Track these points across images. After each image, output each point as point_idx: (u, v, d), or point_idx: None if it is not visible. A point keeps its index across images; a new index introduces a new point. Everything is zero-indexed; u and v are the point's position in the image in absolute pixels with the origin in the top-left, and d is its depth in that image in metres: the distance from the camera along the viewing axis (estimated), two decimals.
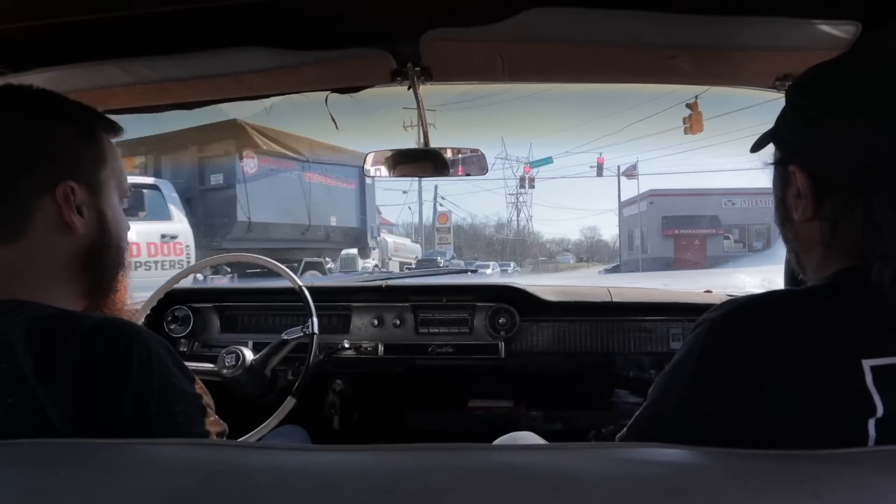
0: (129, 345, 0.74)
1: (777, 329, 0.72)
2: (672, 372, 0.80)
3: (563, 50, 1.26)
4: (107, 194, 0.88)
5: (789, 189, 0.83)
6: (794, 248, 0.89)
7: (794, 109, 0.84)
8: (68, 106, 0.88)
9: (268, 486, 0.56)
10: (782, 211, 0.87)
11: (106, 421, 0.71)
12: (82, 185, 0.84)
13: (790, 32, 1.15)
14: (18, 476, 0.58)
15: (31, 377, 0.70)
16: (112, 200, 0.90)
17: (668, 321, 2.17)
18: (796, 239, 0.87)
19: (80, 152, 0.86)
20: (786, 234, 0.89)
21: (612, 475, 0.57)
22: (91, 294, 0.88)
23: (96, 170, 0.87)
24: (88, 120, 0.89)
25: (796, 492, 0.54)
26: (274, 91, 1.47)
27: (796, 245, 0.88)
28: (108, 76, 1.30)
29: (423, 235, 41.86)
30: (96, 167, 0.87)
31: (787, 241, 0.90)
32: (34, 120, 0.83)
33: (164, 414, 0.75)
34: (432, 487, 0.55)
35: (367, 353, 2.24)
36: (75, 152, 0.85)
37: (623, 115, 35.73)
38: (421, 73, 1.35)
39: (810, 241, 0.83)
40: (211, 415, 0.82)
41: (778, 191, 0.87)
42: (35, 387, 0.70)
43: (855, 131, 0.75)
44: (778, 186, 0.87)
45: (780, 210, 0.87)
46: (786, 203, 0.85)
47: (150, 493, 0.55)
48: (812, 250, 0.84)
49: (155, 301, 1.96)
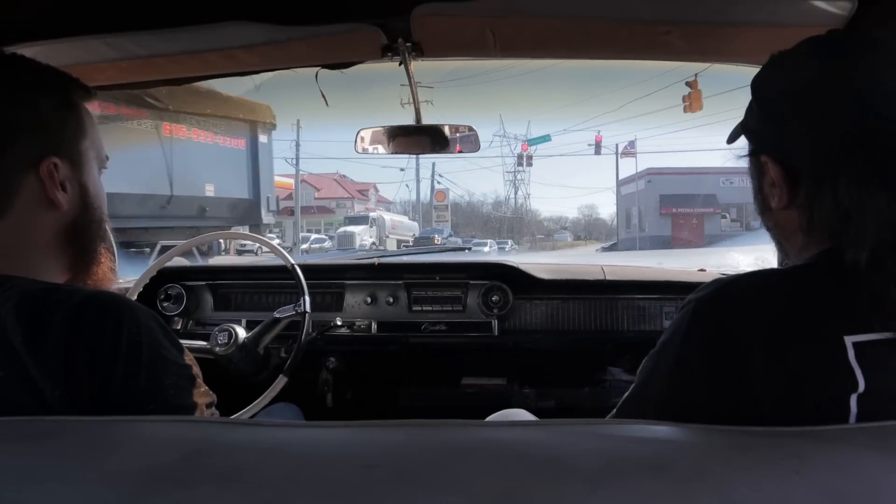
0: (119, 317, 0.74)
1: (761, 308, 0.73)
2: (658, 353, 0.80)
3: (555, 25, 1.25)
4: (88, 167, 0.87)
5: (764, 178, 0.84)
6: (775, 236, 0.90)
7: (759, 101, 0.85)
8: (46, 75, 0.86)
9: (251, 462, 0.56)
10: (760, 200, 0.87)
11: (97, 394, 0.71)
12: (65, 159, 0.83)
13: (785, 8, 1.14)
14: (1, 453, 0.58)
15: (23, 351, 0.69)
16: (93, 173, 0.88)
17: (662, 300, 2.18)
18: (777, 226, 0.87)
19: (61, 126, 0.84)
20: (766, 222, 0.89)
21: (596, 451, 0.58)
22: (74, 267, 0.87)
23: (77, 142, 0.86)
24: (67, 89, 0.87)
25: (778, 467, 0.54)
26: (263, 67, 1.46)
27: (777, 232, 0.88)
28: (94, 51, 1.29)
29: (421, 213, 41.92)
30: (77, 140, 0.86)
31: (769, 228, 0.90)
32: (12, 92, 0.81)
33: (154, 386, 0.75)
34: (414, 463, 0.55)
35: (361, 331, 2.25)
36: (56, 126, 0.83)
37: (621, 92, 35.53)
38: (412, 48, 1.34)
39: (790, 228, 0.83)
40: (201, 385, 0.82)
41: (754, 181, 0.88)
42: (26, 361, 0.69)
43: (816, 119, 0.76)
44: (754, 176, 0.87)
45: (759, 199, 0.88)
46: (763, 192, 0.85)
47: (133, 469, 0.55)
48: (793, 236, 0.84)
49: (147, 278, 1.96)
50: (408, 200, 48.70)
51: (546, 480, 0.53)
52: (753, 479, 0.53)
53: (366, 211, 38.07)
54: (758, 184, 0.87)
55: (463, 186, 77.18)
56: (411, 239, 31.89)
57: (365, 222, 32.31)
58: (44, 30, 1.21)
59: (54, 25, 1.20)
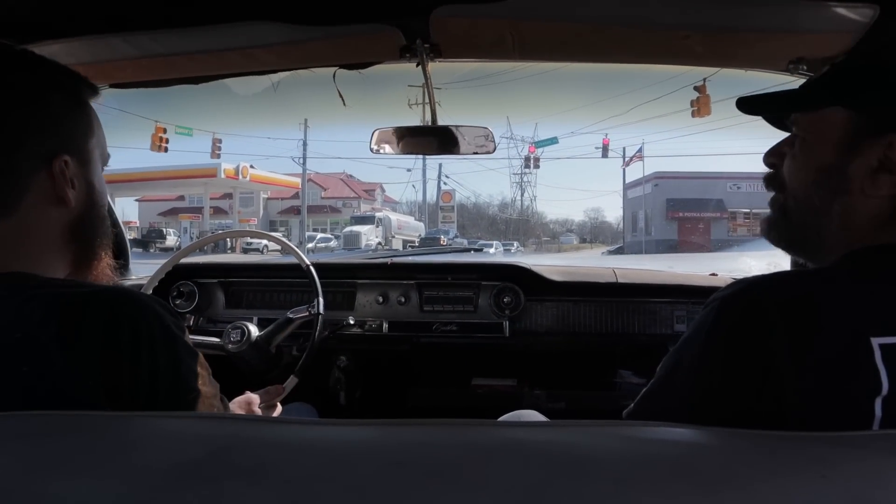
0: (146, 314, 0.75)
1: (788, 308, 0.72)
2: (681, 349, 0.79)
3: (575, 28, 1.25)
4: (94, 165, 0.87)
5: (860, 158, 0.78)
6: (825, 223, 0.82)
7: None
8: (58, 72, 0.86)
9: (278, 459, 0.56)
10: (836, 182, 0.80)
11: (132, 386, 0.72)
12: (74, 157, 0.83)
13: (806, 15, 1.14)
14: (28, 447, 0.59)
15: (52, 347, 0.70)
16: (98, 170, 0.89)
17: (673, 303, 2.17)
18: (844, 214, 0.80)
19: (73, 123, 0.84)
20: (826, 207, 0.82)
21: (620, 453, 0.58)
22: (77, 263, 0.88)
23: (86, 140, 0.86)
24: (77, 86, 0.87)
25: (804, 472, 0.54)
26: (282, 66, 1.46)
27: (835, 221, 0.81)
28: (114, 49, 1.29)
29: (427, 214, 41.91)
30: (86, 138, 0.86)
31: (822, 214, 0.82)
32: (26, 89, 0.81)
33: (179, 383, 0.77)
34: (441, 462, 0.56)
35: (372, 331, 2.25)
36: (68, 123, 0.84)
37: (630, 96, 35.48)
38: (430, 49, 1.34)
39: (863, 218, 0.79)
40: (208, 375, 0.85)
41: (832, 159, 0.81)
42: (55, 357, 0.70)
43: None
44: (832, 154, 0.81)
45: (833, 180, 0.81)
46: (846, 174, 0.79)
47: (161, 464, 0.55)
48: (854, 228, 0.80)
49: (162, 275, 1.97)
50: (414, 201, 48.81)
51: (571, 481, 0.53)
52: (779, 483, 0.52)
53: (372, 211, 38.15)
54: (838, 163, 0.80)
55: (469, 188, 77.32)
56: (417, 239, 31.91)
57: (371, 222, 32.36)
58: (65, 28, 1.22)
59: (75, 23, 1.21)
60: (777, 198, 0.90)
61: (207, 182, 30.14)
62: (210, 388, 0.83)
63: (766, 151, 0.92)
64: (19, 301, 0.72)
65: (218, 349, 1.79)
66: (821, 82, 0.87)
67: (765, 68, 1.38)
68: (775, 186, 0.90)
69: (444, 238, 28.79)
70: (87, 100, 0.88)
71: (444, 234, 31.55)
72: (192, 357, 0.81)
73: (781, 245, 0.93)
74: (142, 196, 37.76)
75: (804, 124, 0.85)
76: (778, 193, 0.90)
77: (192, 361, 0.80)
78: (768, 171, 0.92)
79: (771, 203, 0.91)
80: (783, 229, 0.89)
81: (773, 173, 0.91)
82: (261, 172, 32.97)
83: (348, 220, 35.78)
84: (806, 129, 0.85)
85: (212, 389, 0.83)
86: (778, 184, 0.89)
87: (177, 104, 20.67)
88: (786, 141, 0.89)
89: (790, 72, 1.33)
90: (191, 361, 0.80)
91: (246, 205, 35.73)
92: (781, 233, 0.90)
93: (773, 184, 0.91)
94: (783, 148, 0.89)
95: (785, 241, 0.91)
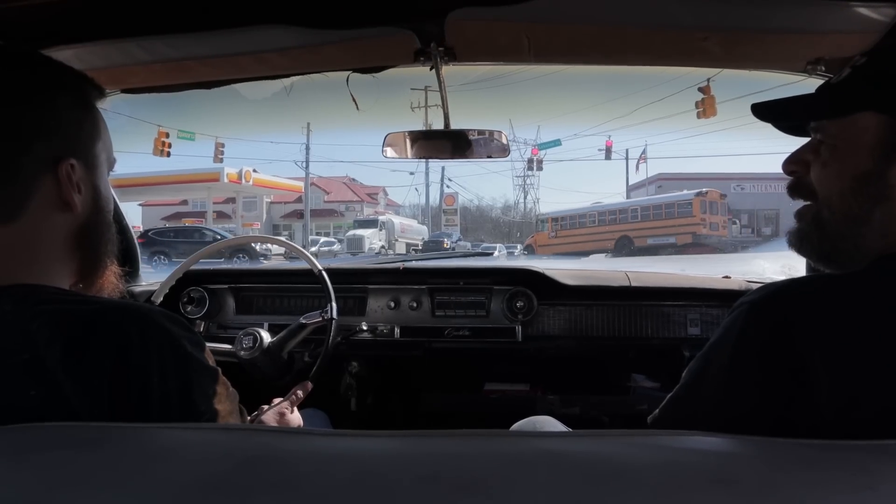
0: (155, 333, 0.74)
1: (819, 314, 0.71)
2: (708, 354, 0.78)
3: (591, 31, 1.24)
4: (101, 169, 0.86)
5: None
6: (864, 233, 0.80)
7: None
8: (65, 74, 0.84)
9: (307, 471, 0.56)
10: (876, 188, 0.78)
11: (141, 408, 0.70)
12: (80, 161, 0.81)
13: (825, 15, 1.12)
14: (51, 459, 0.58)
15: (58, 369, 0.68)
16: (104, 175, 0.87)
17: (687, 306, 2.16)
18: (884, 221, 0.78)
19: (79, 127, 0.82)
20: (867, 215, 0.79)
21: (657, 463, 0.57)
22: (82, 272, 0.85)
23: (93, 144, 0.84)
24: (83, 88, 0.85)
25: (850, 483, 0.52)
26: (296, 70, 1.45)
27: (872, 228, 0.79)
28: (128, 54, 1.29)
29: (430, 217, 41.97)
30: (93, 141, 0.84)
31: (862, 223, 0.80)
32: (33, 91, 0.79)
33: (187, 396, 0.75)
34: (472, 475, 0.54)
35: (384, 336, 2.24)
36: (74, 127, 0.82)
37: (633, 97, 35.42)
38: (444, 53, 1.33)
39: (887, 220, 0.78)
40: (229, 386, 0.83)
41: (868, 165, 0.79)
42: (62, 379, 0.68)
43: None
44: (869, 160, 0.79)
45: (872, 187, 0.79)
46: (886, 179, 0.77)
47: (187, 478, 0.54)
48: (891, 236, 0.78)
49: (173, 281, 1.96)
50: (417, 204, 48.81)
51: (611, 493, 0.52)
52: (824, 495, 0.51)
53: (375, 214, 38.21)
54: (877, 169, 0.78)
55: (472, 191, 77.38)
56: (420, 242, 31.92)
57: (374, 226, 32.40)
58: (78, 33, 1.21)
59: (88, 28, 1.20)
60: (809, 207, 0.87)
61: (210, 186, 30.19)
62: (227, 404, 0.81)
63: (787, 159, 0.89)
64: (25, 318, 0.70)
65: (230, 356, 1.78)
66: (847, 87, 0.84)
67: (783, 69, 1.36)
68: (803, 195, 0.88)
69: (447, 241, 28.85)
70: (93, 102, 0.86)
71: (447, 237, 31.57)
72: (208, 375, 0.79)
73: (813, 257, 0.90)
74: (145, 201, 37.84)
75: (832, 131, 0.83)
76: (809, 203, 0.87)
77: (207, 381, 0.78)
78: (791, 180, 0.90)
79: (801, 214, 0.89)
80: (817, 240, 0.86)
81: (798, 181, 0.88)
82: (264, 176, 33.08)
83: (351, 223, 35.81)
84: (834, 136, 0.83)
85: (229, 406, 0.81)
86: (807, 192, 0.87)
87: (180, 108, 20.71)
88: (808, 147, 0.87)
89: (808, 73, 1.31)
90: (206, 381, 0.78)
91: (249, 209, 35.77)
92: (815, 244, 0.87)
93: (799, 192, 0.88)
94: (806, 155, 0.87)
95: (818, 252, 0.87)
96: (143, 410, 0.71)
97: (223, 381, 0.81)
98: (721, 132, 21.42)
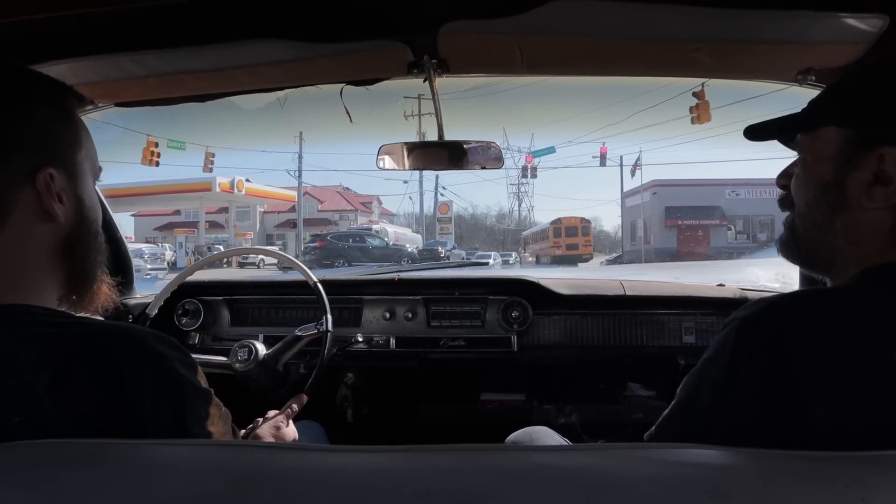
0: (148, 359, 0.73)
1: (811, 326, 0.72)
2: (701, 371, 0.79)
3: (584, 43, 1.24)
4: (84, 178, 0.84)
5: (855, 173, 0.79)
6: (831, 240, 0.84)
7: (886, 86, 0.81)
8: (41, 84, 0.83)
9: (304, 489, 0.56)
10: (835, 198, 0.82)
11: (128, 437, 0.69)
12: (60, 170, 0.80)
13: (815, 26, 1.13)
14: (47, 477, 0.57)
15: (45, 397, 0.67)
16: (88, 184, 0.85)
17: (682, 315, 2.17)
18: (847, 229, 0.82)
19: (57, 136, 0.81)
20: (828, 223, 0.83)
21: (653, 477, 0.57)
22: (70, 285, 0.84)
23: (73, 153, 0.83)
24: (62, 98, 0.84)
25: (843, 495, 0.53)
26: (289, 83, 1.45)
27: (841, 237, 0.83)
28: (121, 69, 1.28)
29: (424, 225, 41.95)
30: (73, 150, 0.83)
31: (826, 231, 0.84)
32: (7, 103, 0.78)
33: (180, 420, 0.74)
34: (471, 489, 0.54)
35: (379, 347, 2.24)
36: (52, 136, 0.81)
37: (627, 104, 35.50)
38: (437, 65, 1.33)
39: (868, 231, 0.80)
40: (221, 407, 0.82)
41: (829, 176, 0.83)
42: (47, 407, 0.67)
43: None
44: (829, 171, 0.83)
45: (831, 197, 0.82)
46: (844, 189, 0.81)
47: (182, 496, 0.54)
48: (862, 242, 0.81)
49: (168, 293, 1.96)
50: (411, 213, 48.83)
51: None
52: None
53: (369, 223, 38.16)
54: (835, 179, 0.82)
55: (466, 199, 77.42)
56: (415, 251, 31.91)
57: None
58: (72, 48, 1.21)
59: (82, 43, 1.20)
60: (788, 217, 0.92)
61: (203, 196, 30.12)
62: (220, 426, 0.80)
63: (779, 174, 0.95)
64: (13, 342, 0.69)
65: (225, 368, 1.78)
66: (815, 103, 0.89)
67: (773, 79, 1.37)
68: (787, 206, 0.93)
69: (441, 249, 28.82)
70: (73, 111, 0.85)
71: (441, 245, 31.54)
72: (201, 398, 0.78)
73: (796, 262, 0.96)
74: (137, 211, 37.71)
75: (805, 145, 0.88)
76: (790, 213, 0.92)
77: (200, 404, 0.77)
78: (781, 193, 0.95)
79: (784, 223, 0.94)
80: (794, 247, 0.92)
81: (786, 194, 0.93)
82: (257, 186, 33.00)
83: None
84: (806, 150, 0.88)
85: (222, 428, 0.81)
86: (789, 203, 0.92)
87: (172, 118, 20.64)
88: (795, 162, 0.92)
89: (799, 82, 1.33)
90: (199, 404, 0.77)
91: (242, 219, 35.69)
92: (793, 251, 0.92)
93: (785, 204, 0.94)
94: (792, 169, 0.92)
95: (797, 258, 0.93)
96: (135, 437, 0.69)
97: (216, 403, 0.80)
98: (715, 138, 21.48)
